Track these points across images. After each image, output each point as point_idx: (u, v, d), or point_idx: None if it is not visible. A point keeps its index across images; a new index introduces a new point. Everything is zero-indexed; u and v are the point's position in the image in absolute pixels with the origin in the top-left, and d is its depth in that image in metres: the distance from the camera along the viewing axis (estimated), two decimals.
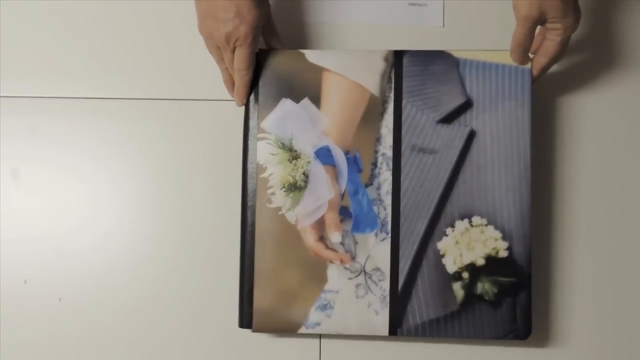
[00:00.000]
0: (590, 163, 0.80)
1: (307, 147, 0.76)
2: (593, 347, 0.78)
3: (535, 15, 0.71)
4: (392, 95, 0.77)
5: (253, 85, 0.77)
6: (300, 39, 0.81)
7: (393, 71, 0.77)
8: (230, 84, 0.78)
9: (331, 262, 0.75)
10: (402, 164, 0.76)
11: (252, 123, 0.77)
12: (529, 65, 0.76)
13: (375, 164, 0.76)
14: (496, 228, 0.75)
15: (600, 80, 0.81)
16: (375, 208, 0.76)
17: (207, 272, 0.79)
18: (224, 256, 0.79)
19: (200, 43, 0.81)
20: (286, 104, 0.76)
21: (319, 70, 0.76)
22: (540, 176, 0.80)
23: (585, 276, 0.79)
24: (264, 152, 0.76)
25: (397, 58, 0.77)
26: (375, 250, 0.75)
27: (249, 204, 0.76)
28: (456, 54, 0.77)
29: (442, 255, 0.75)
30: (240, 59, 0.74)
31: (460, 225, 0.75)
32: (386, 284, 0.75)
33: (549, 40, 0.73)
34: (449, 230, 0.75)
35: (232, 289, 0.78)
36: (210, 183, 0.80)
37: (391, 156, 0.76)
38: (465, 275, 0.75)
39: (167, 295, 0.79)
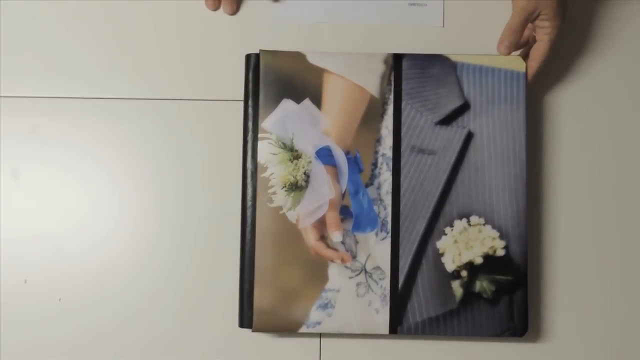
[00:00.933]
0: (583, 163, 0.82)
1: (308, 147, 0.77)
2: (587, 343, 0.80)
3: (531, 8, 0.75)
4: (391, 97, 0.78)
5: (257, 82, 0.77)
6: (301, 39, 0.82)
7: (392, 74, 0.78)
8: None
9: (332, 261, 0.76)
10: (402, 164, 0.77)
11: (252, 123, 0.77)
12: (523, 69, 0.78)
13: (375, 164, 0.77)
14: (493, 227, 0.76)
15: (591, 80, 0.83)
16: (375, 208, 0.77)
17: (207, 272, 0.79)
18: (224, 256, 0.79)
19: (200, 43, 0.82)
20: (287, 104, 0.77)
21: (319, 72, 0.77)
22: (535, 176, 0.81)
23: (578, 274, 0.80)
24: (265, 151, 0.77)
25: (396, 61, 0.78)
26: (376, 249, 0.76)
27: (249, 203, 0.77)
28: (454, 58, 0.78)
29: (441, 254, 0.76)
30: None
31: (459, 224, 0.76)
32: (386, 283, 0.76)
33: (539, 41, 0.77)
34: (447, 229, 0.76)
35: (232, 289, 0.78)
36: (210, 183, 0.80)
37: (391, 157, 0.77)
38: (464, 273, 0.76)
39: (167, 295, 0.79)
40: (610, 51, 0.83)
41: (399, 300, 0.76)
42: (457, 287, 0.76)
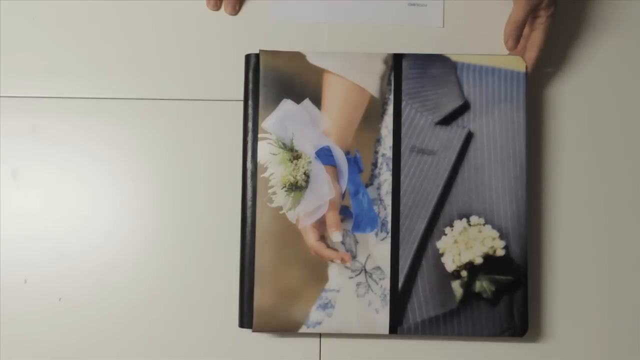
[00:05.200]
0: (583, 163, 0.82)
1: (307, 147, 0.77)
2: (587, 343, 0.80)
3: (537, 0, 0.75)
4: (391, 97, 0.78)
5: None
6: (301, 39, 0.82)
7: (392, 74, 0.78)
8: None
9: (332, 261, 0.76)
10: (402, 164, 0.77)
11: (252, 123, 0.77)
12: (523, 69, 0.78)
13: (375, 164, 0.77)
14: (493, 227, 0.76)
15: (592, 80, 0.83)
16: (375, 208, 0.77)
17: (207, 272, 0.79)
18: (224, 256, 0.79)
19: (200, 43, 0.82)
20: (287, 104, 0.77)
21: (319, 72, 0.77)
22: (536, 176, 0.81)
23: (578, 274, 0.80)
24: (265, 152, 0.77)
25: (396, 61, 0.78)
26: (376, 249, 0.76)
27: (249, 203, 0.77)
28: (454, 58, 0.78)
29: (441, 254, 0.76)
30: None
31: (459, 224, 0.76)
32: (386, 283, 0.76)
33: (535, 31, 0.78)
34: (447, 229, 0.76)
35: (232, 289, 0.78)
36: (210, 183, 0.80)
37: (391, 157, 0.77)
38: (464, 273, 0.76)
39: (167, 295, 0.79)
40: (613, 50, 0.83)
41: (399, 300, 0.76)
42: (457, 287, 0.76)
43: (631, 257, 0.81)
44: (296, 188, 0.76)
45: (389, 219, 0.76)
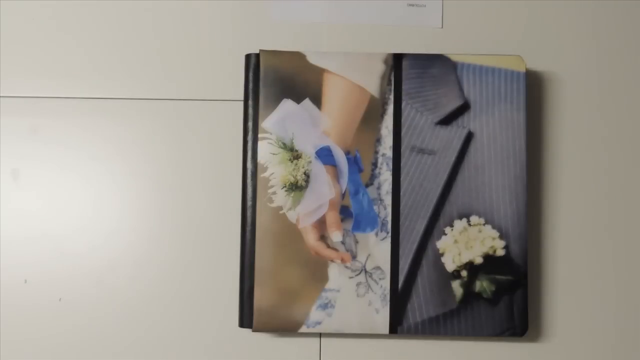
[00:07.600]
0: (583, 162, 0.82)
1: (308, 147, 0.77)
2: (587, 343, 0.80)
3: None
4: (391, 97, 0.78)
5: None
6: (301, 39, 0.82)
7: (392, 74, 0.78)
8: None
9: (332, 261, 0.76)
10: (402, 164, 0.77)
11: (252, 123, 0.78)
12: (523, 69, 0.78)
13: (375, 164, 0.77)
14: (493, 227, 0.76)
15: (592, 78, 0.83)
16: (375, 207, 0.77)
17: (207, 272, 0.79)
18: (224, 256, 0.79)
19: (200, 43, 0.82)
20: (287, 104, 0.77)
21: (319, 72, 0.77)
22: (536, 176, 0.81)
23: (578, 274, 0.80)
24: (264, 151, 0.77)
25: (396, 61, 0.78)
26: (376, 249, 0.76)
27: (249, 203, 0.77)
28: (454, 58, 0.78)
29: (441, 254, 0.76)
30: None
31: (459, 224, 0.76)
32: (386, 283, 0.76)
33: None
34: (447, 229, 0.76)
35: (232, 288, 0.78)
36: (210, 183, 0.80)
37: (391, 156, 0.77)
38: (464, 273, 0.76)
39: (167, 295, 0.79)
40: (614, 48, 0.83)
41: (399, 300, 0.76)
42: (457, 287, 0.76)
43: (631, 257, 0.81)
44: (296, 188, 0.76)
45: (389, 218, 0.76)
